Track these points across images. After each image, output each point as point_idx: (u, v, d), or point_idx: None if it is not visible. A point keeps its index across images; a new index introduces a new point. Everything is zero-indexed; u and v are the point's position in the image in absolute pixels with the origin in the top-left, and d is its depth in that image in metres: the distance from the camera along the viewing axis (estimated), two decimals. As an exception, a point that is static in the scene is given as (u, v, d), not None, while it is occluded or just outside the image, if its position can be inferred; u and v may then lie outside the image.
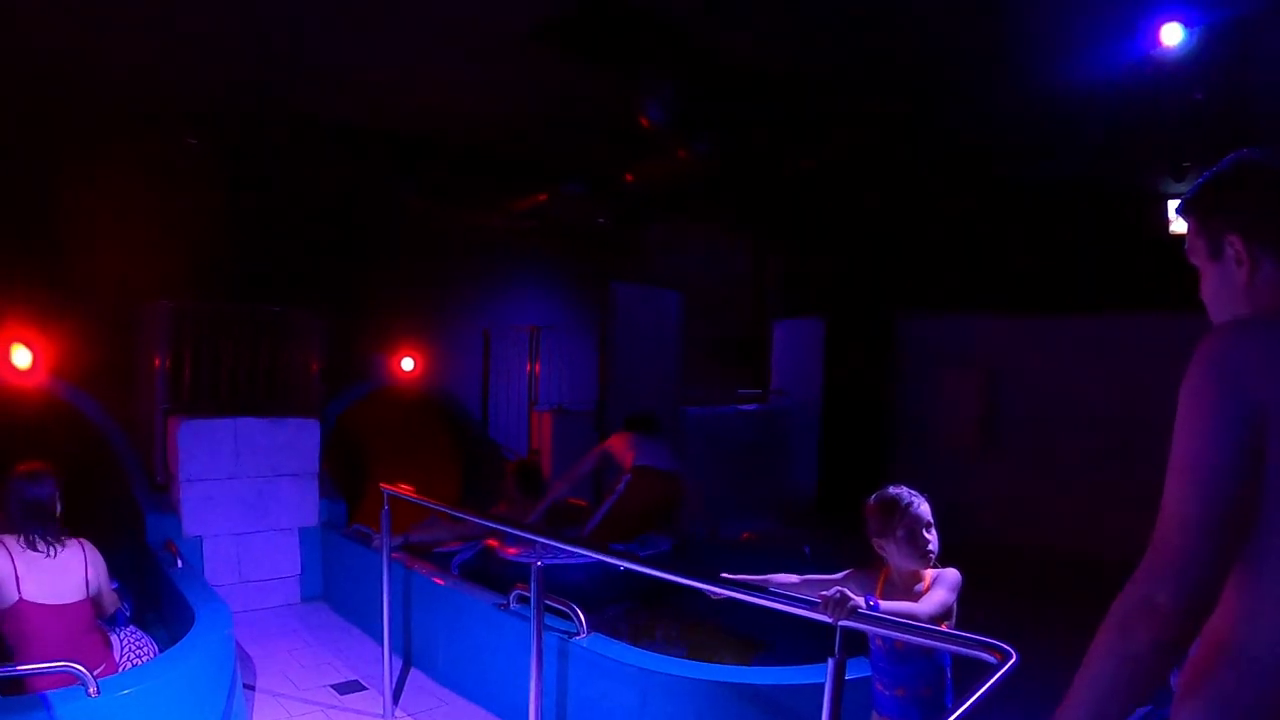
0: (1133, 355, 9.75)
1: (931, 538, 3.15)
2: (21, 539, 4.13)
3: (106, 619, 4.54)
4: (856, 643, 2.78)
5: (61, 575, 4.16)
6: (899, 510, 3.15)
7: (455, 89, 7.64)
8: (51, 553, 4.16)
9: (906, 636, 2.65)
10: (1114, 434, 9.79)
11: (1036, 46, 6.41)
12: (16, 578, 4.03)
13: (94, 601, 4.32)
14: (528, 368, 11.16)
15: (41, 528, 4.18)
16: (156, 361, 7.23)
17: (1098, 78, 6.60)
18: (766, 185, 9.80)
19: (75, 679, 3.61)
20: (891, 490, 3.23)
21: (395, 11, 6.11)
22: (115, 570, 5.59)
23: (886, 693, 3.10)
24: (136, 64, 6.92)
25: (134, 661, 4.39)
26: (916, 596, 3.06)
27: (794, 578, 3.35)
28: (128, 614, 4.95)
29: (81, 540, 4.34)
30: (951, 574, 3.13)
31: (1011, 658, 2.15)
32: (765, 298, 12.82)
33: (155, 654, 4.53)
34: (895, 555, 3.17)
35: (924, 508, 3.17)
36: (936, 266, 11.39)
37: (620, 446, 7.37)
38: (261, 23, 6.26)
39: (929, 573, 3.15)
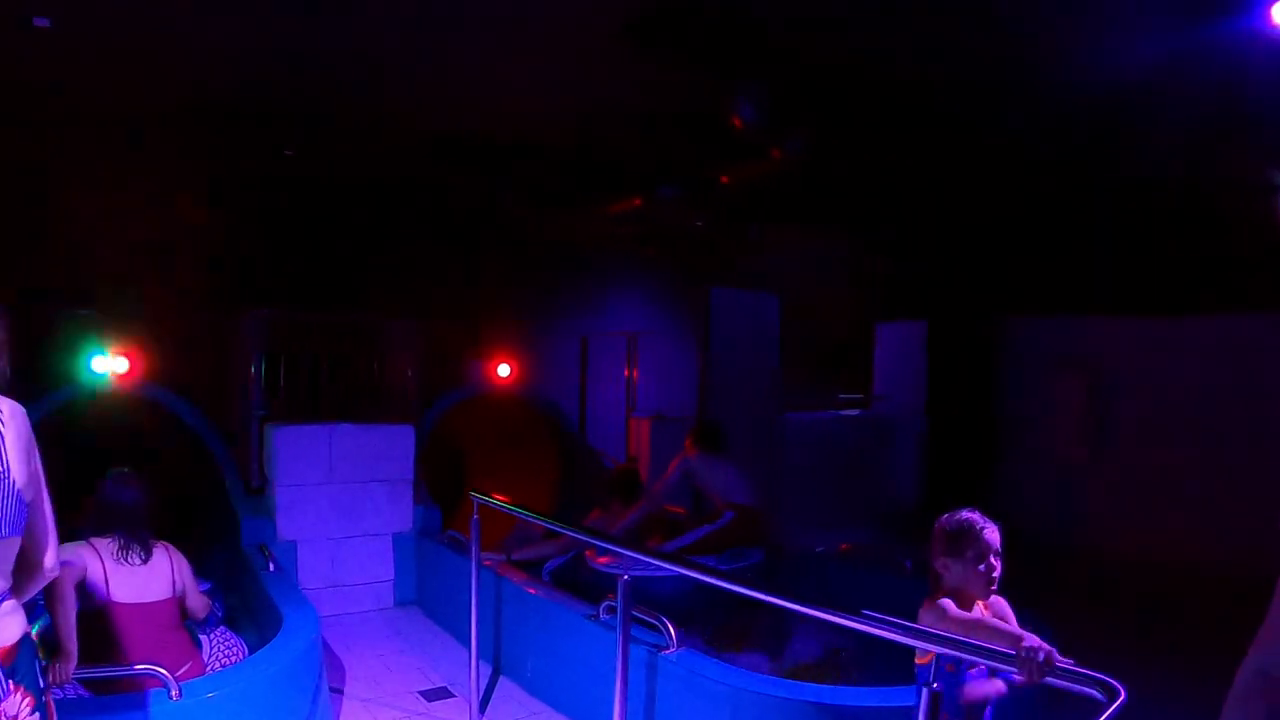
0: (1251, 358, 9.23)
1: (998, 565, 3.08)
2: (114, 544, 4.18)
3: (199, 622, 4.58)
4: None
5: (149, 576, 4.23)
6: (972, 534, 3.09)
7: (546, 92, 7.58)
8: (142, 557, 4.22)
9: (1003, 666, 2.42)
10: (1233, 442, 9.26)
11: (1139, 32, 6.05)
12: (106, 580, 4.09)
13: (179, 601, 4.36)
14: (625, 374, 11.08)
15: (129, 532, 4.23)
16: (253, 368, 7.34)
17: (1209, 63, 6.18)
18: (864, 184, 9.53)
19: (159, 681, 3.63)
20: (965, 514, 3.16)
21: (486, 14, 6.07)
22: (210, 573, 5.69)
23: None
24: (229, 74, 7.02)
25: (222, 662, 4.41)
26: None
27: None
28: (220, 615, 4.99)
29: (165, 544, 4.39)
30: (1004, 603, 3.14)
31: (1120, 695, 1.93)
32: (866, 300, 12.51)
33: (244, 655, 4.55)
34: (959, 578, 3.08)
35: (995, 535, 3.11)
36: (1042, 266, 10.89)
37: (702, 467, 7.14)
38: (354, 31, 6.29)
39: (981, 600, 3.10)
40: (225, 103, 7.51)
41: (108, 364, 6.92)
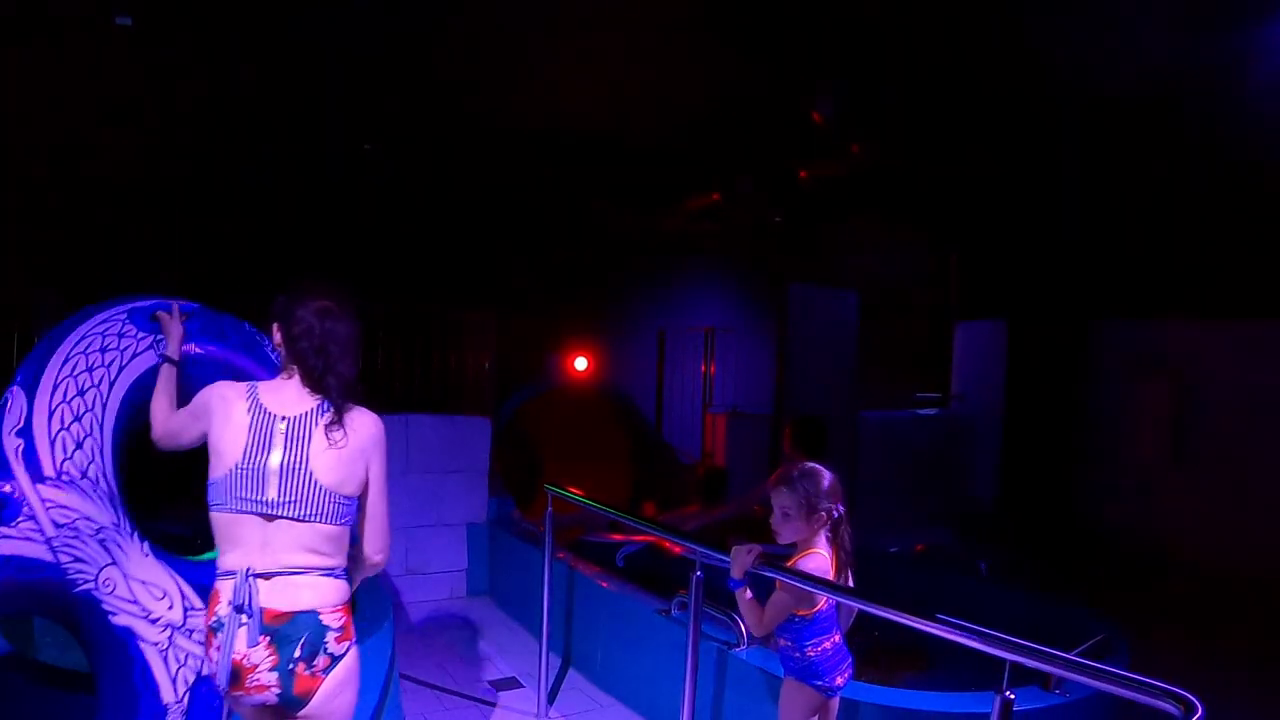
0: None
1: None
2: None
3: None
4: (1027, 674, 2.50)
5: None
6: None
7: (626, 86, 7.58)
8: None
9: (1077, 676, 2.32)
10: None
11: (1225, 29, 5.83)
12: None
13: None
14: (702, 369, 11.04)
15: None
16: (331, 357, 7.43)
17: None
18: (945, 181, 9.35)
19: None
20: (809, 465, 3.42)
21: (563, 6, 6.08)
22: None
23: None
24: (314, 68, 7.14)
25: None
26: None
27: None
28: None
29: None
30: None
31: (1197, 711, 1.85)
32: (946, 298, 12.29)
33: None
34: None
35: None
36: (1127, 267, 10.55)
37: None
38: (429, 28, 6.35)
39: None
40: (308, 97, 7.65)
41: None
